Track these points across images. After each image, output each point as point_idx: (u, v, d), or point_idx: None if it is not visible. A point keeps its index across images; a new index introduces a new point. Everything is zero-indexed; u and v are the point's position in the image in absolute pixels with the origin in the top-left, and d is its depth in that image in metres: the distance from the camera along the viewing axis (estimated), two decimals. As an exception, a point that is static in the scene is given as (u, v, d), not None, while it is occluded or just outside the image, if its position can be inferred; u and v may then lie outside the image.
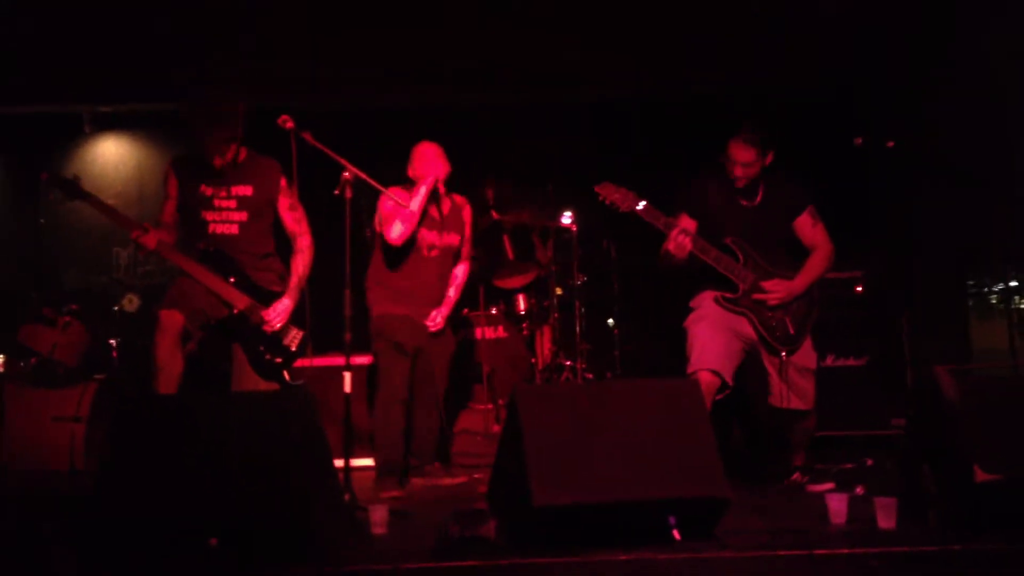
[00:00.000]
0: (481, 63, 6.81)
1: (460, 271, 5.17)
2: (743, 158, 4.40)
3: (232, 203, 4.48)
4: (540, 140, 7.17)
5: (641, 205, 4.31)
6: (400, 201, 4.69)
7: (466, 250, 5.18)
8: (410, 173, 4.96)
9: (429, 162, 4.90)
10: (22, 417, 4.61)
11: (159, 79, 6.77)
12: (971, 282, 7.00)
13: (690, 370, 4.29)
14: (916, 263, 6.52)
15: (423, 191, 4.81)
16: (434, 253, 4.96)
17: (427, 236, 4.92)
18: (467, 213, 5.17)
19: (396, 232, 4.76)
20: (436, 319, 4.95)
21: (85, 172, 4.57)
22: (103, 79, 6.86)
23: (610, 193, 4.34)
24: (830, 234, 4.57)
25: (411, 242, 4.86)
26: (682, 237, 4.28)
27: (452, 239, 5.03)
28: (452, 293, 5.10)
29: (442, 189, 4.97)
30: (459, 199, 5.14)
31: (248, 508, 3.20)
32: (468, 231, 5.17)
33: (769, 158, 4.45)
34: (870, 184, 6.81)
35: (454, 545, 3.26)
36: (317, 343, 4.64)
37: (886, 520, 3.44)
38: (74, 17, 6.41)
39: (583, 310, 6.63)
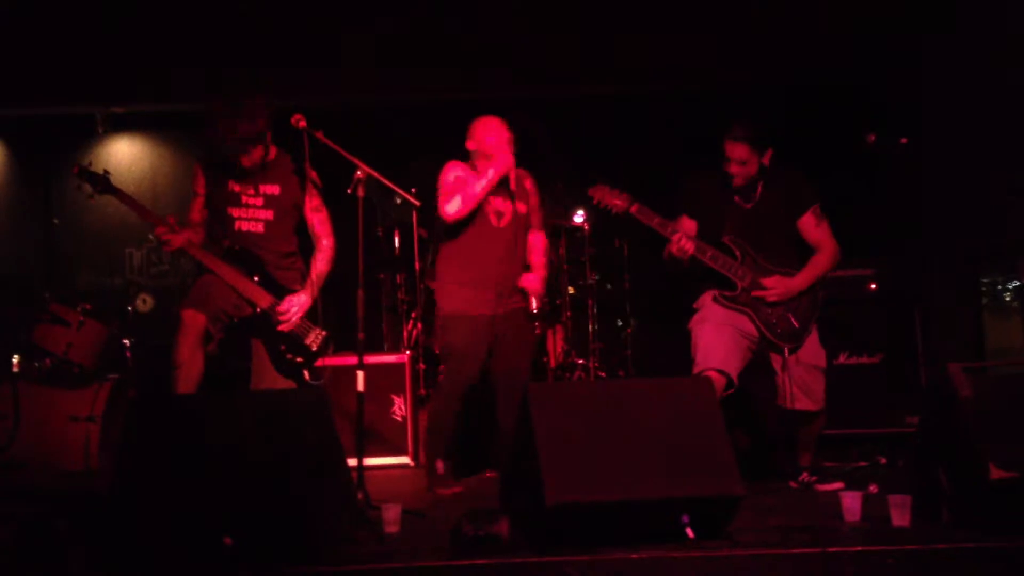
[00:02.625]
0: (488, 58, 6.82)
1: (538, 240, 4.90)
2: (737, 155, 4.37)
3: (259, 200, 4.49)
4: (552, 138, 7.18)
5: (634, 208, 4.31)
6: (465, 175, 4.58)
7: (537, 219, 4.89)
8: (471, 146, 4.76)
9: (498, 138, 4.66)
10: (38, 417, 4.62)
11: (171, 80, 6.81)
12: (985, 280, 6.97)
13: (695, 371, 4.28)
14: (930, 260, 6.49)
15: (491, 175, 4.59)
16: (504, 222, 4.71)
17: (494, 202, 4.68)
18: (531, 183, 4.87)
19: (453, 208, 4.57)
20: (535, 286, 4.71)
21: (99, 173, 4.57)
22: (115, 80, 6.89)
23: (603, 196, 4.34)
24: (844, 230, 4.54)
25: (477, 210, 4.63)
26: (684, 242, 4.28)
27: (521, 207, 4.75)
28: (540, 259, 4.84)
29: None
30: (520, 170, 4.77)
31: (261, 507, 3.21)
32: (535, 200, 4.88)
33: (767, 156, 4.42)
34: (883, 181, 6.79)
35: (467, 544, 3.26)
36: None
37: (900, 518, 3.43)
38: (86, 18, 6.44)
39: (595, 309, 6.64)
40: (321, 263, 4.57)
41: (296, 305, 4.43)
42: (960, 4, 6.20)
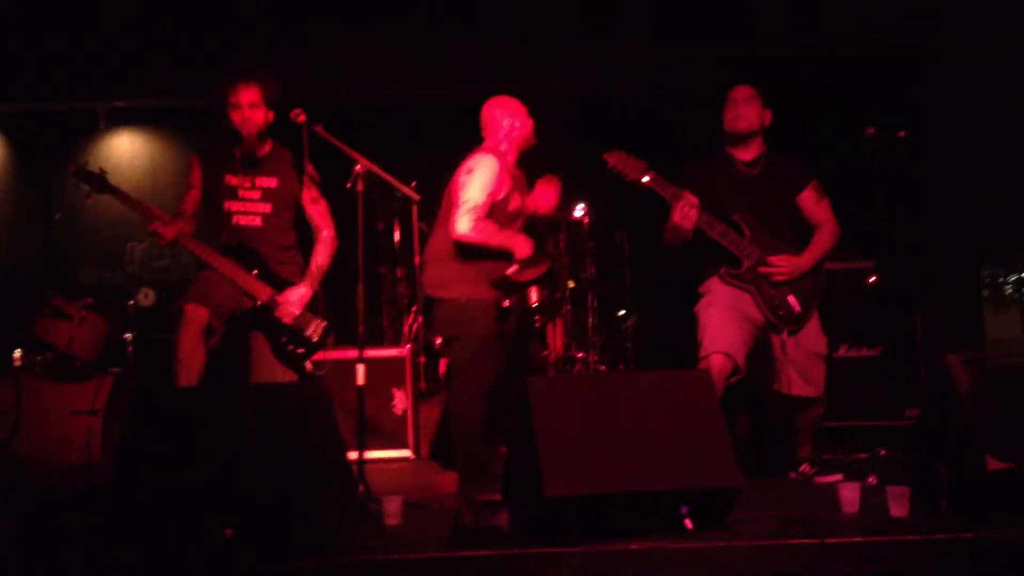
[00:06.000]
0: (486, 54, 6.83)
1: None
2: (739, 93, 4.42)
3: (256, 194, 4.50)
4: (551, 131, 7.17)
5: (649, 176, 4.31)
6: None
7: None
8: (500, 132, 4.52)
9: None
10: (40, 411, 4.64)
11: (172, 75, 6.82)
12: (985, 272, 6.99)
13: (702, 353, 4.27)
14: (930, 253, 6.51)
15: (515, 252, 4.35)
16: (519, 223, 4.57)
17: (514, 200, 4.51)
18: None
19: (471, 232, 4.27)
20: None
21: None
22: (116, 74, 6.90)
23: (619, 161, 4.31)
24: (845, 223, 4.55)
25: (495, 209, 4.39)
26: (688, 208, 4.26)
27: (528, 205, 4.65)
28: None
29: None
30: (518, 170, 4.65)
31: (262, 499, 3.22)
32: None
33: (768, 116, 4.46)
34: (884, 175, 6.80)
35: (468, 536, 3.28)
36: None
37: (898, 509, 3.43)
38: (86, 13, 6.45)
39: (595, 302, 6.65)
40: (321, 255, 4.59)
41: (297, 296, 4.46)
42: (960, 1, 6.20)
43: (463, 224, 4.27)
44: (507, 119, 4.54)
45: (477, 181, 4.33)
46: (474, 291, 4.41)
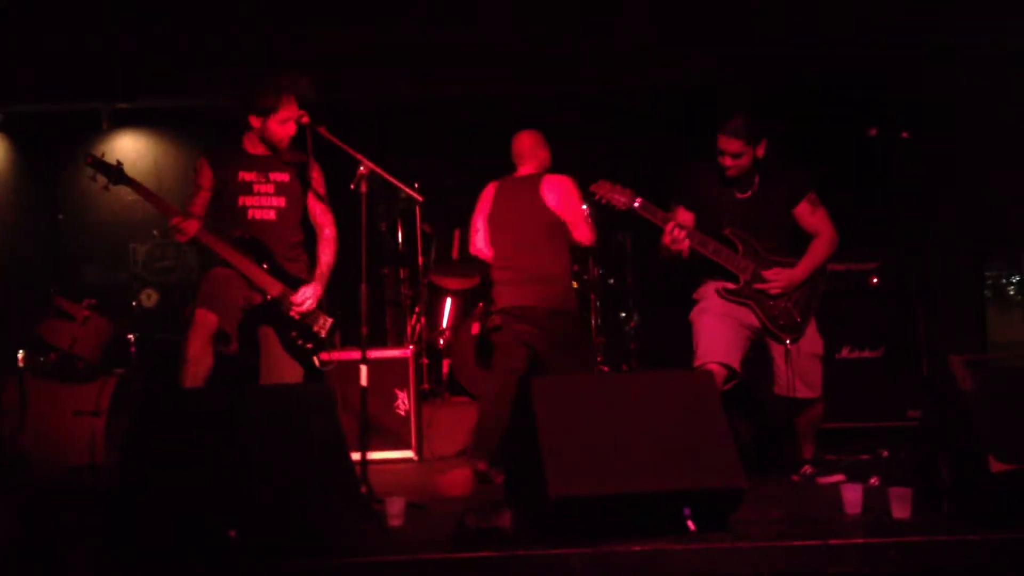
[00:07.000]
0: (486, 54, 6.83)
1: None
2: (730, 148, 4.36)
3: (270, 188, 4.53)
4: (551, 132, 7.19)
5: (637, 202, 4.33)
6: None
7: None
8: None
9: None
10: (43, 411, 4.63)
11: (175, 77, 6.83)
12: (989, 273, 6.98)
13: (697, 363, 4.28)
14: (933, 254, 6.50)
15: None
16: None
17: None
18: None
19: (593, 236, 5.01)
20: None
21: (103, 168, 4.59)
22: (117, 76, 6.91)
23: (606, 192, 4.36)
24: (848, 224, 4.55)
25: None
26: (678, 232, 4.28)
27: None
28: None
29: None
30: None
31: (266, 500, 3.23)
32: None
33: (762, 149, 4.39)
34: (887, 175, 6.81)
35: (471, 536, 3.28)
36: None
37: (901, 510, 3.44)
38: (91, 15, 6.45)
39: (598, 303, 6.66)
40: (328, 253, 4.62)
41: (311, 291, 4.47)
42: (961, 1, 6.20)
43: (592, 231, 4.98)
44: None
45: (577, 196, 4.95)
46: None
